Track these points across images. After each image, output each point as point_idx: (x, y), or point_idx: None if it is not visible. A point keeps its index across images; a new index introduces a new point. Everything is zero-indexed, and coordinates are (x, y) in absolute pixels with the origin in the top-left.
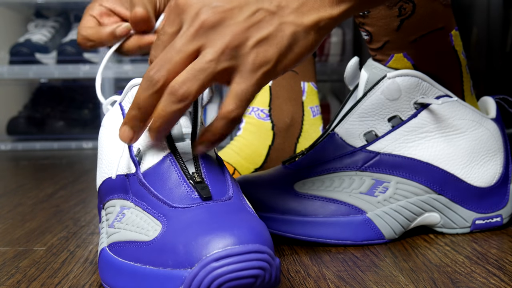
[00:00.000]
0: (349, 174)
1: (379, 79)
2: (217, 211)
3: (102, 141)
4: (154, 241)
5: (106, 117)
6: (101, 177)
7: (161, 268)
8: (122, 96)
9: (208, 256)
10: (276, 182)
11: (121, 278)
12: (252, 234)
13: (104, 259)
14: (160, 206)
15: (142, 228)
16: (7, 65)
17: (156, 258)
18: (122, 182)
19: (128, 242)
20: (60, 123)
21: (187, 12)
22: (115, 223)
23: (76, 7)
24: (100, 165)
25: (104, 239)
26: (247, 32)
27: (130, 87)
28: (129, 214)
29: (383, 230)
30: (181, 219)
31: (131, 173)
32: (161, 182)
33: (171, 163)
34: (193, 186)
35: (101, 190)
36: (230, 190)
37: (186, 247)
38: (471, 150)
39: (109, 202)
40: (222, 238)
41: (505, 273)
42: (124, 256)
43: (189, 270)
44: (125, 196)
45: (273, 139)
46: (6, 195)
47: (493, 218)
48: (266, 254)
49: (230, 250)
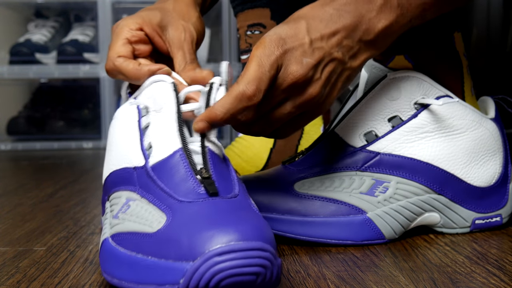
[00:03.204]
0: (349, 174)
1: (380, 79)
2: (223, 207)
3: (114, 132)
4: (158, 232)
5: (120, 109)
6: (109, 169)
7: (163, 259)
8: (139, 91)
9: (210, 250)
10: (276, 182)
11: (122, 268)
12: (256, 232)
13: (106, 249)
14: (166, 199)
15: (146, 219)
16: (7, 65)
17: (158, 249)
18: (129, 175)
19: (131, 233)
20: (60, 123)
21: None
22: (120, 214)
23: (76, 7)
24: (109, 157)
25: (107, 229)
26: (322, 87)
27: (150, 83)
28: (134, 206)
29: (383, 230)
30: (186, 212)
31: (139, 166)
32: (168, 176)
33: (181, 158)
34: (200, 182)
35: (107, 182)
36: (236, 188)
37: (190, 240)
38: (471, 150)
39: (115, 193)
40: (226, 233)
41: (505, 273)
42: (127, 247)
43: (191, 263)
44: (131, 188)
45: (275, 142)
46: (6, 195)
47: (492, 217)
48: (269, 252)
49: (233, 245)
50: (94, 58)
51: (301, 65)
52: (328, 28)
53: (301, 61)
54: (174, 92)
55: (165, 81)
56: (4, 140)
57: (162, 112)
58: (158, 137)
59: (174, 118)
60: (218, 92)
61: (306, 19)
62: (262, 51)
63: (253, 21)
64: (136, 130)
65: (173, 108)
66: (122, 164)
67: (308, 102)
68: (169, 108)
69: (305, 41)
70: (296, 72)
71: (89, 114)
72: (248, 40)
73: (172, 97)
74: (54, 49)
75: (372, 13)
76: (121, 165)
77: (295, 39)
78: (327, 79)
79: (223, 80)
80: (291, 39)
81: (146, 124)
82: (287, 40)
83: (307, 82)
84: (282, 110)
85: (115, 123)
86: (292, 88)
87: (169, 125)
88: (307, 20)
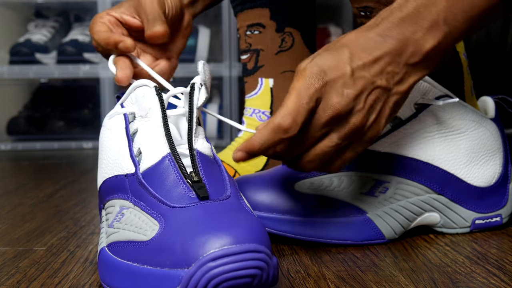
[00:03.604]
0: (349, 174)
1: None
2: (214, 210)
3: (103, 141)
4: (152, 241)
5: (108, 118)
6: (102, 177)
7: (158, 268)
8: (125, 97)
9: (204, 255)
10: (276, 182)
11: (119, 278)
12: (249, 234)
13: (103, 258)
14: (158, 206)
15: (140, 228)
16: (7, 65)
17: (153, 258)
18: (121, 182)
19: (127, 242)
20: (60, 123)
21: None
22: (114, 223)
23: (76, 7)
24: (101, 165)
25: (103, 239)
26: (365, 116)
27: (133, 88)
28: (128, 214)
29: (383, 230)
30: (178, 219)
31: (130, 173)
32: (159, 182)
33: (170, 163)
34: (191, 186)
35: (101, 190)
36: (228, 190)
37: (183, 246)
38: (471, 150)
39: (109, 202)
40: (218, 237)
41: (505, 273)
42: (123, 256)
43: (186, 270)
44: (124, 196)
45: None
46: (6, 195)
47: (492, 217)
48: (263, 253)
49: (227, 249)
50: (94, 58)
51: (342, 96)
52: (371, 56)
53: (342, 93)
54: (157, 97)
55: (147, 86)
56: (4, 140)
57: (148, 117)
58: (146, 143)
59: (160, 123)
60: (200, 92)
61: (349, 47)
62: (302, 83)
63: (252, 21)
64: (124, 137)
65: (158, 113)
66: (114, 171)
67: (352, 133)
68: (154, 113)
69: (346, 71)
70: (338, 103)
71: (89, 114)
72: (247, 40)
73: (156, 102)
74: (54, 49)
75: (419, 34)
76: (113, 172)
77: (336, 69)
78: (370, 108)
79: (202, 80)
80: (332, 70)
81: (134, 130)
82: (328, 71)
83: (348, 113)
84: (326, 142)
85: (104, 131)
86: (334, 120)
87: (156, 130)
88: (350, 48)
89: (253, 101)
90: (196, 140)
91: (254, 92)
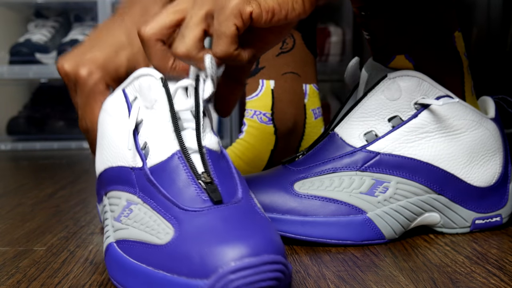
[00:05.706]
0: (349, 174)
1: (380, 79)
2: (228, 215)
3: (104, 127)
4: (167, 246)
5: (108, 102)
6: (104, 164)
7: (175, 275)
8: (126, 83)
9: (224, 268)
10: (276, 182)
11: (132, 279)
12: (267, 244)
13: (112, 255)
14: (170, 208)
15: (152, 229)
16: (7, 65)
17: (169, 263)
18: (127, 175)
19: (139, 242)
20: (60, 123)
21: None
22: (122, 218)
23: (76, 7)
24: (101, 151)
25: (110, 232)
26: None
27: (136, 77)
28: (137, 210)
29: (383, 230)
30: (193, 224)
31: (137, 167)
32: (169, 181)
33: (180, 161)
34: (203, 188)
35: (103, 177)
36: (239, 191)
37: (201, 256)
38: (471, 150)
39: (113, 192)
40: (237, 248)
41: (505, 273)
42: (135, 257)
43: (205, 281)
44: (131, 190)
45: (276, 144)
46: (6, 195)
47: (492, 217)
48: (281, 264)
49: (248, 262)
50: None
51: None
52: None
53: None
54: (164, 88)
55: (153, 76)
56: (4, 140)
57: (154, 109)
58: (153, 137)
59: (168, 117)
60: (205, 84)
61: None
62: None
63: None
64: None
65: (166, 107)
66: (118, 162)
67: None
68: (161, 106)
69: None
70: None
71: None
72: None
73: (163, 94)
74: (54, 49)
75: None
76: (117, 162)
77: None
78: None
79: (209, 73)
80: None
81: (139, 120)
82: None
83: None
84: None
85: (105, 116)
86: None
87: (164, 125)
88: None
89: (254, 103)
90: (204, 135)
91: (255, 94)
